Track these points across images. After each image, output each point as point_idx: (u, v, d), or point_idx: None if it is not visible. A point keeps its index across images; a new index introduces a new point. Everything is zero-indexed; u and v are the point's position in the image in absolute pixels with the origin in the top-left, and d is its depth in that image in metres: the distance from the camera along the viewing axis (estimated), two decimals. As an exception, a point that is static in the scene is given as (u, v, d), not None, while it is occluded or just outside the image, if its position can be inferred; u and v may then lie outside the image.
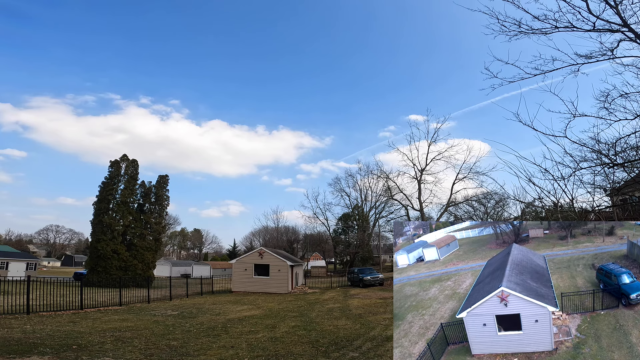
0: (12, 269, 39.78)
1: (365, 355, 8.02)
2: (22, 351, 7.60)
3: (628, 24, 5.26)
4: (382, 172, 45.36)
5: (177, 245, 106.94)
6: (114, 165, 38.58)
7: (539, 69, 5.94)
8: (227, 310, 16.75)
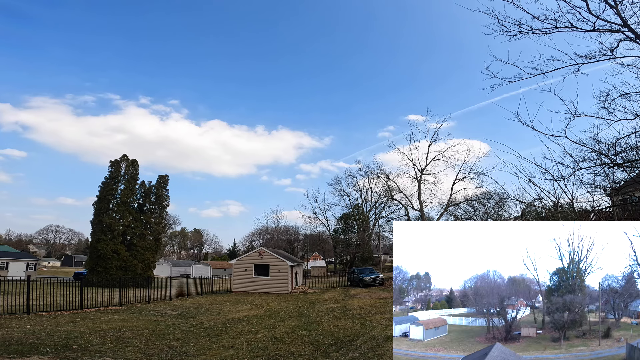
0: (12, 269, 39.78)
1: (365, 355, 8.02)
2: (22, 351, 7.60)
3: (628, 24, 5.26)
4: (382, 172, 45.43)
5: (177, 245, 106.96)
6: (114, 165, 38.59)
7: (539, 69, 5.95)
8: (227, 310, 16.75)
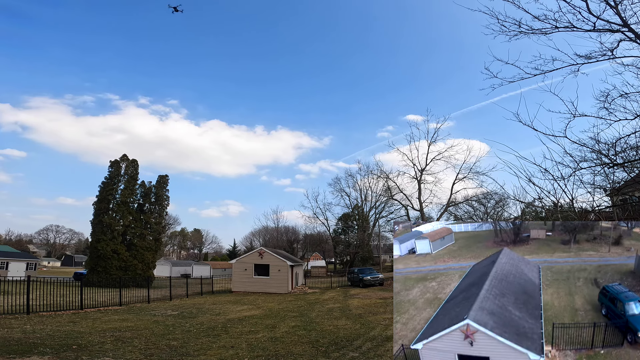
0: (12, 269, 39.76)
1: (365, 355, 8.02)
2: (22, 351, 7.60)
3: (628, 24, 5.25)
4: (382, 172, 45.45)
5: (177, 245, 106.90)
6: (114, 165, 38.58)
7: (539, 69, 5.95)
8: (227, 310, 16.75)
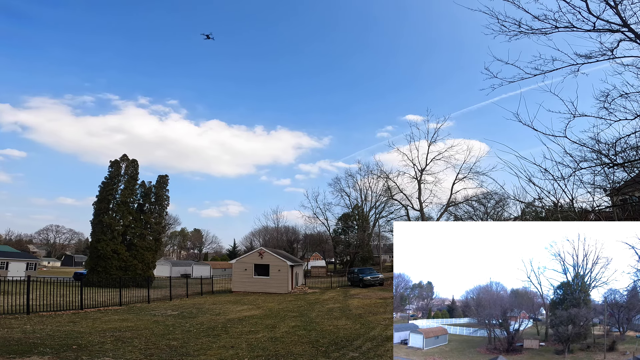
0: (12, 269, 39.77)
1: (365, 355, 8.02)
2: (22, 351, 7.60)
3: (628, 24, 5.26)
4: (382, 172, 45.41)
5: (177, 245, 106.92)
6: (114, 165, 38.58)
7: (539, 69, 5.95)
8: (227, 310, 16.75)
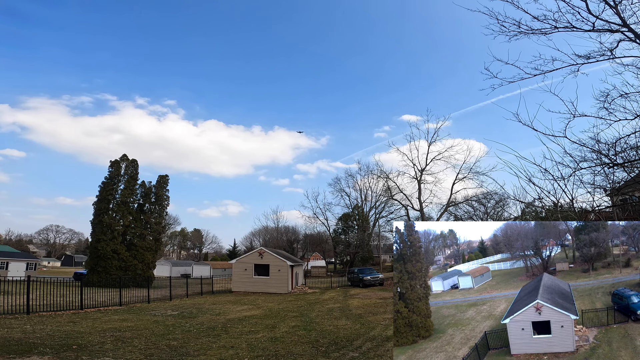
0: (12, 269, 39.78)
1: (365, 355, 8.02)
2: (22, 351, 7.60)
3: (628, 24, 5.26)
4: (382, 172, 45.36)
5: (177, 245, 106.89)
6: (114, 165, 38.56)
7: (538, 69, 5.95)
8: (227, 310, 16.75)
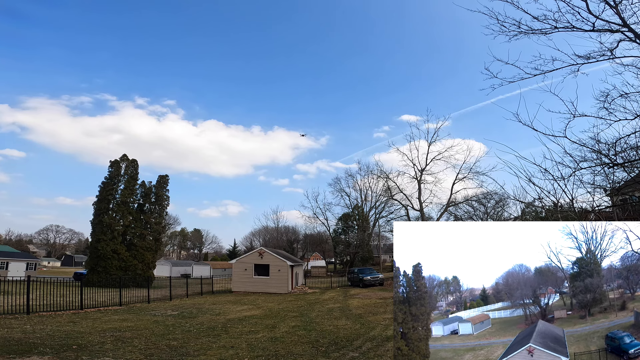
0: (12, 269, 39.77)
1: (365, 355, 8.02)
2: (22, 351, 7.60)
3: (628, 24, 5.26)
4: (382, 172, 45.39)
5: (177, 245, 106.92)
6: (114, 165, 38.57)
7: (538, 69, 5.95)
8: (227, 310, 16.75)
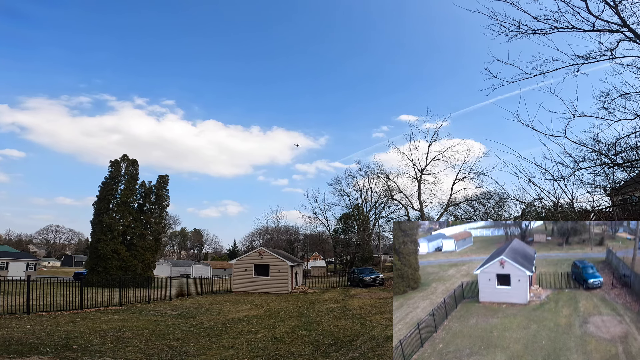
0: (12, 269, 39.77)
1: (365, 355, 8.02)
2: (22, 351, 7.60)
3: (627, 24, 5.26)
4: (382, 172, 45.38)
5: (177, 245, 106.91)
6: (114, 165, 38.56)
7: (538, 69, 5.95)
8: (227, 310, 16.75)
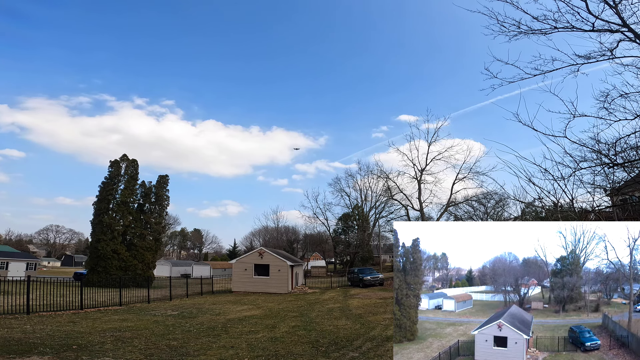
0: (12, 269, 39.78)
1: (365, 355, 8.02)
2: (22, 351, 7.60)
3: (627, 24, 5.26)
4: (382, 172, 45.32)
5: (177, 245, 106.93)
6: (114, 165, 38.56)
7: (538, 69, 5.95)
8: (227, 310, 16.75)
